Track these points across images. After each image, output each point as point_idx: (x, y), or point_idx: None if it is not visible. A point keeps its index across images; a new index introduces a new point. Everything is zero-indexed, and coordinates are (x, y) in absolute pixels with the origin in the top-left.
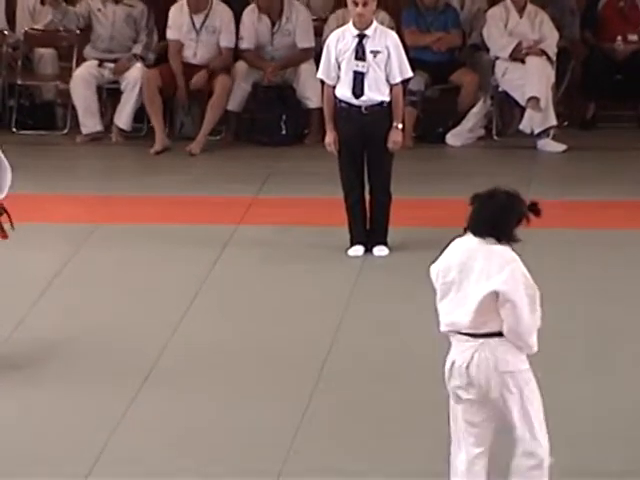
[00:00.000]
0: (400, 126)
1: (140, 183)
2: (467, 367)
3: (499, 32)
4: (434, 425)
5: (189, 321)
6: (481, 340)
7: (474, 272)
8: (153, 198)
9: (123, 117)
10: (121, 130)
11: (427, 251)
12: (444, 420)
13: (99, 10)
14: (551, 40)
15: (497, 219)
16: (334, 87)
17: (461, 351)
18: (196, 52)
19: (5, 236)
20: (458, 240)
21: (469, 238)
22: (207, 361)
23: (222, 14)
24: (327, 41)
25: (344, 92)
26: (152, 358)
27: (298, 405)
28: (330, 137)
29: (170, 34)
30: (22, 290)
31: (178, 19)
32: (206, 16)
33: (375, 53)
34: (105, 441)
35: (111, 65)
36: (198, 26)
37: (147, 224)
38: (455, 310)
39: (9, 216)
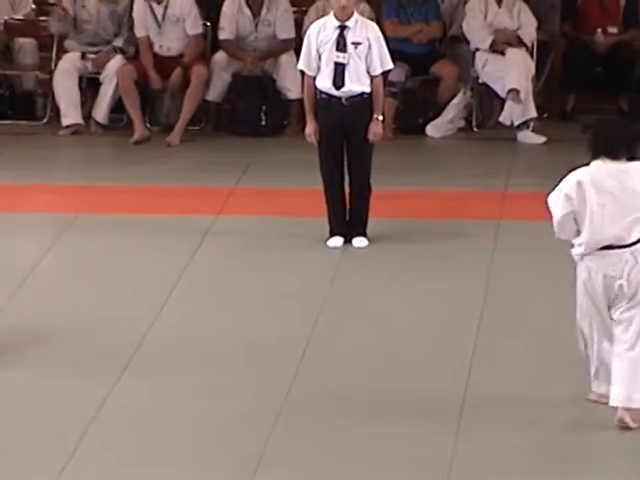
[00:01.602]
0: (380, 118)
1: (120, 173)
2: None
3: (479, 24)
4: (414, 413)
5: (169, 310)
6: (631, 248)
7: (622, 189)
8: (133, 188)
9: (101, 110)
10: (98, 123)
11: (407, 242)
12: (425, 408)
13: (83, 7)
14: (528, 28)
15: (632, 139)
16: (314, 78)
17: (612, 263)
18: (162, 43)
19: None
20: (585, 169)
21: (599, 163)
22: (187, 350)
23: (182, 3)
24: (308, 32)
25: (325, 83)
26: (132, 346)
27: (277, 394)
28: (310, 128)
29: (137, 31)
30: (2, 278)
31: (141, 14)
32: (165, 7)
33: (356, 44)
34: (84, 429)
35: (93, 57)
36: (160, 18)
37: (127, 214)
38: (609, 227)
39: None
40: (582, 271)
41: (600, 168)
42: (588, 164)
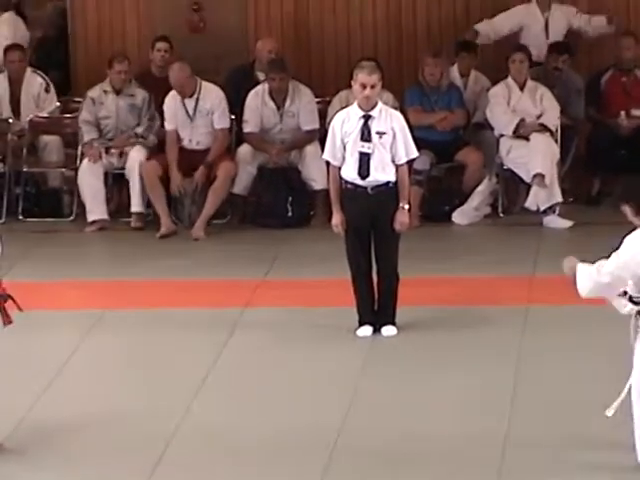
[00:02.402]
0: (406, 207)
1: (147, 267)
2: None
3: (502, 110)
4: None
5: (199, 405)
6: None
7: None
8: (160, 283)
9: (135, 201)
10: (138, 214)
11: (436, 330)
12: None
13: (101, 104)
14: (551, 112)
15: None
16: (340, 168)
17: None
18: (192, 137)
19: (10, 321)
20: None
21: None
22: (218, 444)
23: (212, 96)
24: (332, 122)
25: (350, 173)
26: (163, 442)
27: None
28: (337, 218)
29: (167, 124)
30: (33, 376)
31: (172, 108)
32: (197, 100)
33: (381, 134)
34: None
35: (115, 146)
36: (191, 111)
37: (155, 309)
38: None
39: (14, 301)
40: None
41: None
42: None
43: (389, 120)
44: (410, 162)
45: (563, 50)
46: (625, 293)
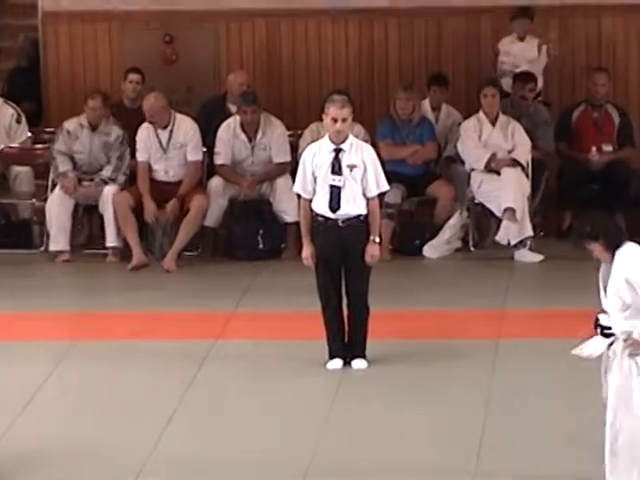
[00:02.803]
0: (377, 240)
1: (118, 299)
2: None
3: (473, 144)
4: None
5: (169, 436)
6: None
7: None
8: (131, 314)
9: (110, 236)
10: (114, 248)
11: (406, 363)
12: None
13: (77, 137)
14: (523, 148)
15: None
16: (310, 201)
17: None
18: (166, 169)
19: None
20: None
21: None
22: (188, 476)
23: (186, 128)
24: (303, 155)
25: (321, 206)
26: (133, 474)
27: None
28: (307, 251)
29: (139, 155)
30: (2, 406)
31: (145, 140)
32: (170, 132)
33: (351, 167)
34: None
35: (87, 185)
36: (165, 143)
37: (126, 340)
38: None
39: None
40: None
41: None
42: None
43: (360, 153)
44: (381, 195)
45: (528, 79)
46: (597, 326)
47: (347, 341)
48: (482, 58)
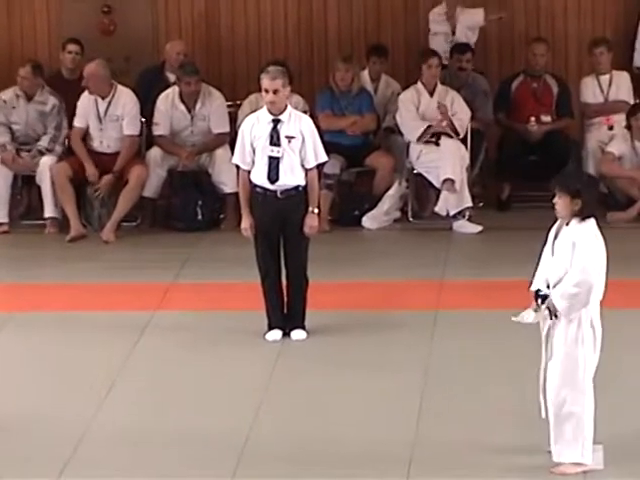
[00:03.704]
0: (316, 211)
1: (56, 270)
2: None
3: (411, 116)
4: None
5: (107, 408)
6: None
7: None
8: (69, 286)
9: (48, 207)
10: (52, 219)
11: (345, 334)
12: None
13: (13, 107)
14: (462, 116)
15: None
16: (249, 172)
17: None
18: (102, 140)
19: None
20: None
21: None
22: (126, 448)
23: (125, 100)
24: (242, 126)
25: (259, 177)
26: (70, 446)
27: None
28: (246, 222)
29: (76, 121)
30: None
31: (85, 107)
32: (109, 103)
33: (290, 138)
34: None
35: (24, 156)
36: (102, 114)
37: (63, 312)
38: None
39: None
40: None
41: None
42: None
43: (298, 124)
44: (320, 166)
45: (465, 49)
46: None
47: (286, 312)
48: (421, 29)
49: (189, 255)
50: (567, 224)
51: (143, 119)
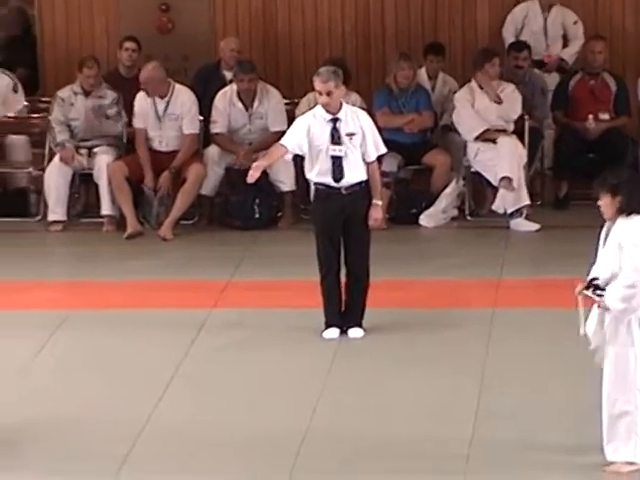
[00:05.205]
0: (380, 203)
1: (113, 268)
2: None
3: (468, 114)
4: None
5: (165, 406)
6: None
7: None
8: (127, 283)
9: (105, 204)
10: (110, 217)
11: (402, 332)
12: None
13: (71, 104)
14: (511, 105)
15: None
16: (287, 151)
17: None
18: (161, 139)
19: None
20: None
21: None
22: (183, 446)
23: (184, 100)
24: (298, 118)
25: (323, 176)
26: (128, 444)
27: None
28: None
29: (136, 122)
30: None
31: (143, 107)
32: (167, 103)
33: (350, 135)
34: None
35: (85, 152)
36: (161, 113)
37: (121, 309)
38: None
39: None
40: None
41: None
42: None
43: (356, 120)
44: (379, 159)
45: (521, 47)
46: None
47: (344, 310)
48: (478, 27)
49: (246, 253)
50: (614, 223)
51: (201, 117)
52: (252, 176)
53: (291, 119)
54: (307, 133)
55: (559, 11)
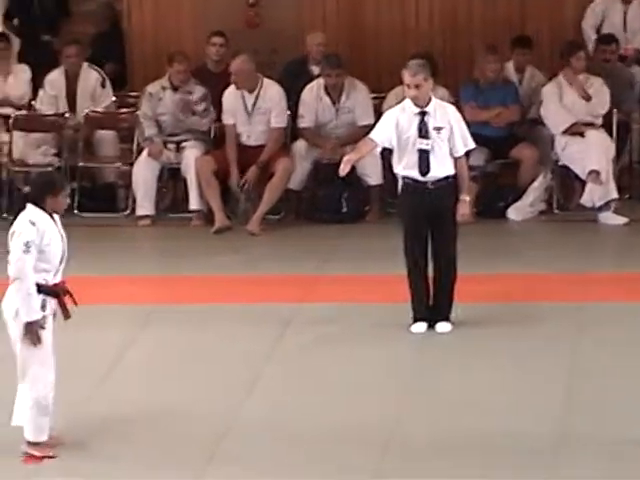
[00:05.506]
0: (467, 198)
1: (201, 263)
2: None
3: (555, 108)
4: None
5: (251, 403)
6: None
7: None
8: (214, 278)
9: (193, 199)
10: (198, 211)
11: (489, 327)
12: None
13: (160, 99)
14: (598, 99)
15: None
16: (376, 145)
17: None
18: (249, 134)
19: (69, 316)
20: None
21: None
22: (270, 444)
23: (272, 94)
24: (387, 112)
25: (409, 170)
26: (216, 439)
27: None
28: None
29: (225, 118)
30: (86, 371)
31: (231, 103)
32: (257, 97)
33: (438, 129)
34: None
35: (173, 146)
36: (250, 108)
37: (209, 304)
38: None
39: (72, 297)
40: None
41: None
42: None
43: (445, 114)
44: (467, 154)
45: (610, 40)
46: None
47: (432, 304)
48: (566, 20)
49: (334, 247)
50: None
51: (288, 112)
52: (343, 170)
53: (378, 113)
54: (396, 126)
55: (639, 5)
